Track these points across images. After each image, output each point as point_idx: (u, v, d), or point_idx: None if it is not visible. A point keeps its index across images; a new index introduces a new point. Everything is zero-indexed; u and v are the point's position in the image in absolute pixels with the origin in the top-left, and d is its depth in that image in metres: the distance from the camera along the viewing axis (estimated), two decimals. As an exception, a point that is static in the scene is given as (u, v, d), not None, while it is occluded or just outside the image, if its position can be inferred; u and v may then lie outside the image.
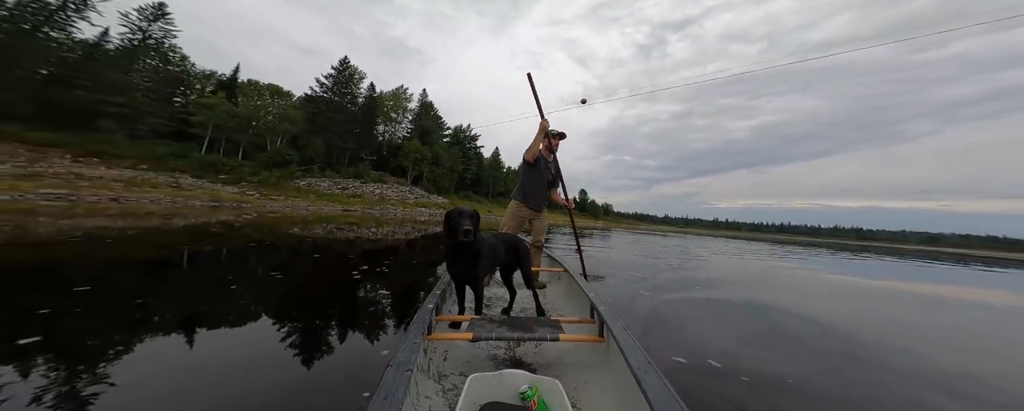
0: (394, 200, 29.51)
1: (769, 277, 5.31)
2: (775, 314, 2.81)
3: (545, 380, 0.97)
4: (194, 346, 1.51)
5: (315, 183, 26.13)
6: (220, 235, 5.61)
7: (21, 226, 4.97)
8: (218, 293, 2.40)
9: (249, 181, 21.77)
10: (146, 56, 24.87)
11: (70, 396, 1.07)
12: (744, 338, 2.15)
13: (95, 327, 1.66)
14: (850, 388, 1.53)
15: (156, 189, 16.20)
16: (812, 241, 51.00)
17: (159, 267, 3.18)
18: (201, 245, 4.47)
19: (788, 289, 4.30)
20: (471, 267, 1.45)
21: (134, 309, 1.95)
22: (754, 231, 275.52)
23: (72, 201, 11.36)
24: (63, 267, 2.89)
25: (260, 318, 1.91)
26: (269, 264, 3.53)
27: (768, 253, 11.52)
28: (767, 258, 9.25)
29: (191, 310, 2.02)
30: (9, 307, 1.87)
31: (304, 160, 28.09)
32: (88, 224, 5.57)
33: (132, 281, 2.60)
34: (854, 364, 1.82)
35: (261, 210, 14.65)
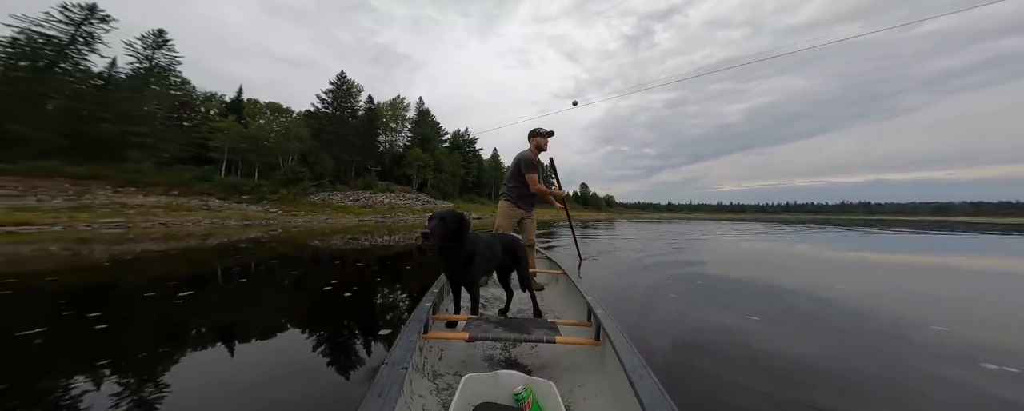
0: (403, 208, 30.92)
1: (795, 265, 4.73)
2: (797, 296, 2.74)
3: (540, 382, 0.97)
4: (235, 347, 1.66)
5: (329, 197, 27.52)
6: (253, 250, 5.99)
7: (78, 253, 5.27)
8: (260, 297, 2.72)
9: (270, 199, 23.15)
10: (157, 83, 26.06)
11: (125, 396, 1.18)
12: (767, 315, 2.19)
13: (146, 337, 1.83)
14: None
15: (191, 212, 17.59)
16: (822, 218, 48.57)
17: (208, 280, 3.46)
18: (245, 258, 4.93)
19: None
20: (464, 269, 1.43)
21: (183, 317, 2.15)
22: (759, 212, 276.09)
23: (128, 228, 12.74)
24: (118, 286, 3.17)
25: (291, 321, 2.05)
26: (304, 273, 3.85)
27: (780, 235, 11.00)
28: (776, 241, 8.84)
29: (234, 314, 2.23)
30: (69, 322, 2.00)
31: (315, 176, 29.43)
32: (137, 248, 5.88)
33: (180, 294, 2.73)
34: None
35: (286, 225, 16.00)
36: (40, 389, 1.29)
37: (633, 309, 2.39)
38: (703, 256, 5.47)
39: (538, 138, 2.52)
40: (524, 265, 1.77)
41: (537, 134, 2.52)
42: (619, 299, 2.64)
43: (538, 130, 2.53)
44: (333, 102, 34.68)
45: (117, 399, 1.20)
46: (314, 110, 34.04)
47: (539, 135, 2.52)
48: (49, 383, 1.33)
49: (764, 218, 56.29)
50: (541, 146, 2.53)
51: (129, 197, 17.65)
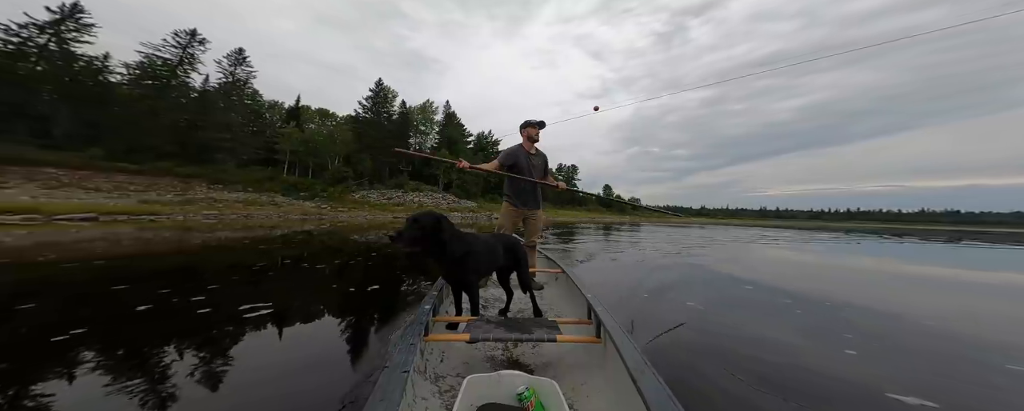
0: (430, 206, 33.85)
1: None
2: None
3: (542, 381, 0.97)
4: (285, 327, 1.95)
5: (367, 195, 31.19)
6: (306, 241, 7.13)
7: (183, 239, 6.71)
8: (307, 283, 3.13)
9: (321, 197, 27.05)
10: (237, 95, 31.26)
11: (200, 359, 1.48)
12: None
13: (228, 306, 2.26)
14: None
15: (263, 207, 21.56)
16: (897, 228, 42.24)
17: (270, 268, 3.95)
18: (300, 249, 5.78)
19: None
20: (459, 270, 1.41)
21: (251, 296, 2.56)
22: (813, 219, 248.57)
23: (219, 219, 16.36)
24: (209, 265, 3.92)
25: (331, 306, 2.35)
26: (345, 262, 4.49)
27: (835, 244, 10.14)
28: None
29: (288, 296, 2.56)
30: (173, 295, 2.47)
31: (356, 175, 33.33)
32: (222, 236, 7.46)
33: (257, 275, 3.46)
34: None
35: (334, 221, 19.06)
36: (141, 341, 1.68)
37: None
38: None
39: (529, 129, 2.53)
40: (524, 266, 1.76)
41: (528, 125, 2.53)
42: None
43: (528, 121, 2.55)
44: (372, 107, 38.65)
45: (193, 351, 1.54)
46: (356, 115, 38.22)
47: (529, 126, 2.53)
48: (148, 338, 1.73)
49: (811, 226, 49.07)
50: (532, 137, 2.53)
51: (218, 193, 22.07)
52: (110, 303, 2.42)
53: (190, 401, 1.21)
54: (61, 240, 5.95)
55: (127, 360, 1.51)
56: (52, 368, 1.39)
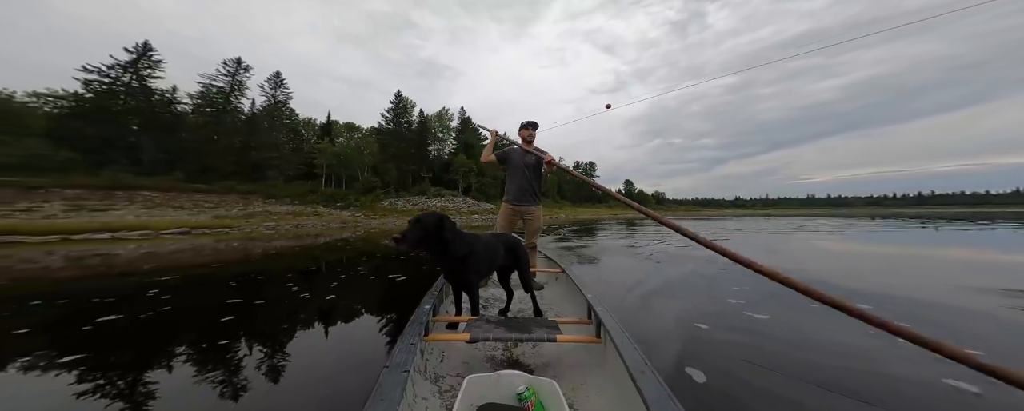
0: (452, 210, 36.22)
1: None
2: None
3: (542, 381, 0.98)
4: (330, 325, 2.23)
5: (394, 202, 34.01)
6: (343, 247, 7.87)
7: (247, 248, 7.62)
8: (349, 283, 3.59)
9: (354, 206, 30.05)
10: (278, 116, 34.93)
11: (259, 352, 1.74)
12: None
13: (287, 304, 2.70)
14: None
15: (309, 217, 24.66)
16: (986, 212, 35.16)
17: (316, 271, 4.54)
18: (340, 254, 6.43)
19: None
20: (460, 270, 1.43)
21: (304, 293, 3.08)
22: (871, 206, 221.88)
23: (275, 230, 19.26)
24: (268, 271, 4.50)
25: (371, 303, 2.76)
26: (376, 264, 4.89)
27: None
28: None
29: (334, 294, 3.00)
30: (239, 296, 2.95)
31: (384, 184, 36.27)
32: (278, 245, 8.35)
33: (303, 278, 3.91)
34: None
35: (367, 228, 21.58)
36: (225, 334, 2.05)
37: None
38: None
39: (522, 130, 2.64)
40: (525, 265, 1.79)
41: (522, 127, 2.65)
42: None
43: (523, 123, 2.67)
44: (393, 118, 41.43)
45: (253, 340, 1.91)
46: (379, 127, 41.17)
47: (523, 127, 2.64)
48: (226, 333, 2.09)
49: (866, 213, 40.54)
50: (525, 137, 2.64)
51: (272, 207, 25.48)
52: (202, 299, 3.02)
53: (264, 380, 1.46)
54: (159, 252, 7.05)
55: (208, 351, 1.80)
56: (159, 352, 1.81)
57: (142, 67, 27.65)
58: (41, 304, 2.89)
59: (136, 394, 1.39)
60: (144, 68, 27.74)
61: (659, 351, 1.70)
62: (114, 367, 1.66)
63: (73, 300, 3.09)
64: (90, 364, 1.68)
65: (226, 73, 32.23)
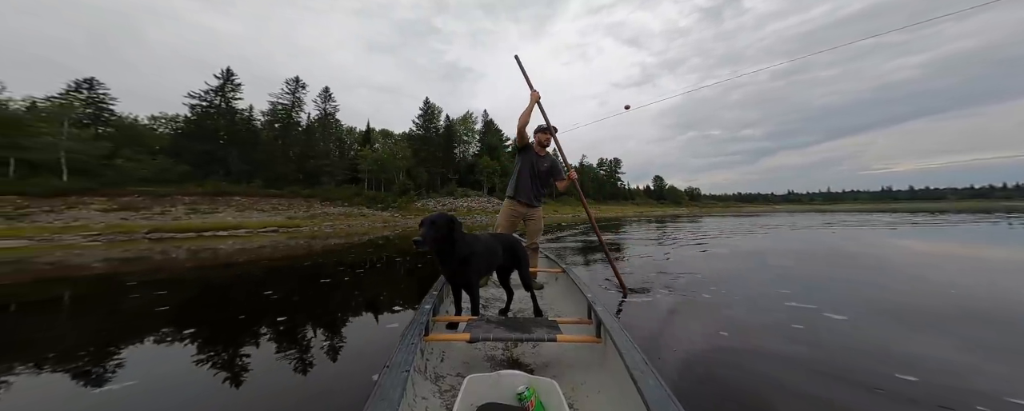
0: (478, 209, 39.50)
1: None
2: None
3: (542, 381, 0.99)
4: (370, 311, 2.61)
5: (426, 203, 37.95)
6: (386, 244, 8.75)
7: (310, 245, 8.86)
8: (385, 276, 4.30)
9: (392, 207, 34.33)
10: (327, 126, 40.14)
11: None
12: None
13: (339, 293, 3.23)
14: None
15: (356, 218, 29.13)
16: None
17: (362, 263, 5.29)
18: (381, 250, 7.20)
19: None
20: (461, 270, 1.46)
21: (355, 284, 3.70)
22: (974, 198, 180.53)
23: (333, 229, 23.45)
24: (323, 265, 5.28)
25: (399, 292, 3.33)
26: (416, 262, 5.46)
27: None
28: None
29: (375, 287, 3.56)
30: (306, 286, 3.71)
31: (417, 186, 40.34)
32: (332, 242, 9.43)
33: (351, 272, 4.52)
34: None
35: (404, 227, 25.21)
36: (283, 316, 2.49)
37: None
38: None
39: (538, 135, 2.66)
40: (525, 265, 1.82)
41: (539, 131, 2.67)
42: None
43: (537, 126, 2.68)
44: (423, 124, 45.25)
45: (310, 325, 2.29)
46: (410, 133, 45.29)
47: (538, 132, 2.66)
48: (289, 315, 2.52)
49: (967, 207, 33.79)
50: (541, 142, 2.66)
51: (328, 209, 30.40)
52: (277, 287, 3.69)
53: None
54: (247, 247, 8.48)
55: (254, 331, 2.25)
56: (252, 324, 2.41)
57: (227, 90, 33.75)
58: (168, 290, 3.64)
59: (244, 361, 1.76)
60: (229, 91, 33.84)
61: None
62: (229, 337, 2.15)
63: (196, 285, 4.04)
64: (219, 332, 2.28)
65: (288, 91, 37.89)
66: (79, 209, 20.50)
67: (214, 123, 32.11)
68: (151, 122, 35.91)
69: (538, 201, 2.71)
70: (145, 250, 8.51)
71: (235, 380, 1.56)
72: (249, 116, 35.46)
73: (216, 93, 33.12)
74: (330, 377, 1.55)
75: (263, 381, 1.55)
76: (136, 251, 8.34)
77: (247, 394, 1.44)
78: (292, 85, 38.02)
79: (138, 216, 21.21)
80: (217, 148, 30.74)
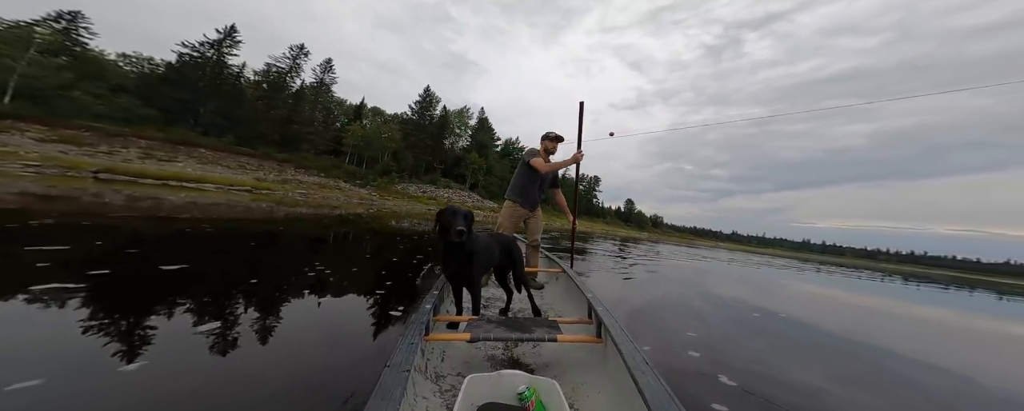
0: (458, 203, 39.18)
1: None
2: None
3: (543, 381, 0.99)
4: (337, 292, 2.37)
5: (406, 187, 37.34)
6: (357, 221, 8.78)
7: (273, 210, 8.54)
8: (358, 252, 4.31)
9: (372, 185, 33.54)
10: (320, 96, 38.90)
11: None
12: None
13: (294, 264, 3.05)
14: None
15: (332, 191, 28.19)
16: (972, 279, 35.44)
17: (324, 239, 5.21)
18: (352, 226, 7.34)
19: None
20: (465, 268, 1.46)
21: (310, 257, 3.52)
22: (866, 258, 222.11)
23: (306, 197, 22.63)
24: (281, 233, 5.20)
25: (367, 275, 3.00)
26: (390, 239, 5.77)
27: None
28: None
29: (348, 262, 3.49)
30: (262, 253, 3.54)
31: (400, 169, 39.68)
32: (302, 212, 9.27)
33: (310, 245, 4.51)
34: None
35: (380, 206, 24.73)
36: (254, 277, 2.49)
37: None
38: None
39: (547, 142, 2.62)
40: (520, 265, 1.83)
41: (546, 138, 2.64)
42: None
43: (549, 134, 2.65)
44: (419, 110, 44.86)
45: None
46: (404, 116, 44.73)
47: (548, 139, 2.63)
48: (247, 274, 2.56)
49: (868, 266, 41.45)
50: (549, 149, 2.64)
51: (302, 176, 29.22)
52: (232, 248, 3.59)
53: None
54: (201, 202, 7.98)
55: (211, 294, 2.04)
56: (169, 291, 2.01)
57: (225, 45, 32.06)
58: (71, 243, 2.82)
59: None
60: (226, 46, 32.15)
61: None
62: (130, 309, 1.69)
63: (104, 237, 3.28)
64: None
65: (289, 56, 36.59)
66: (11, 134, 18.53)
67: (198, 74, 30.35)
68: (119, 59, 33.27)
69: (538, 204, 2.78)
70: (77, 189, 7.78)
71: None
72: (239, 73, 33.78)
73: (212, 46, 31.44)
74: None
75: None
76: (66, 189, 7.62)
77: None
78: (295, 51, 36.80)
79: (79, 151, 19.42)
80: (194, 98, 28.99)
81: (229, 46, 32.21)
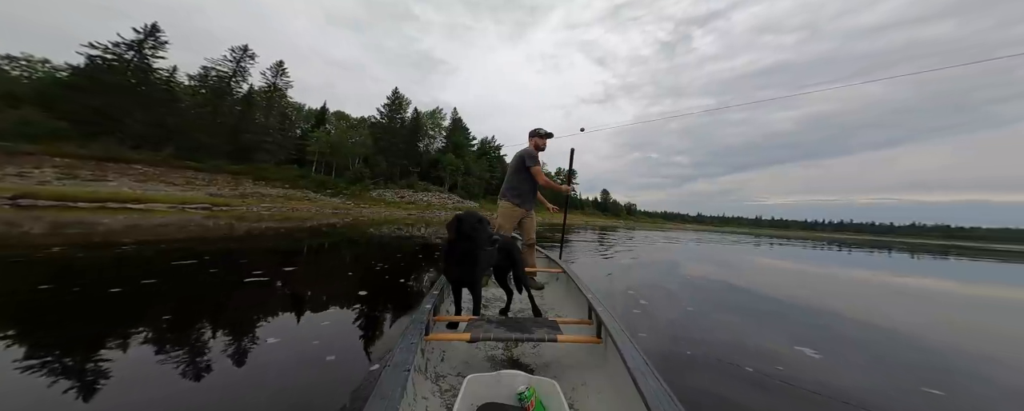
0: (437, 205, 38.04)
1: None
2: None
3: (543, 381, 0.98)
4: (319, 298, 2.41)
5: (382, 193, 35.42)
6: (334, 232, 8.20)
7: (232, 226, 7.67)
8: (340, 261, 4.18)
9: (344, 193, 31.32)
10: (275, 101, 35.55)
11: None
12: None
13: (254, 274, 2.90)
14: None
15: (301, 202, 25.83)
16: (885, 241, 44.22)
17: (309, 250, 4.95)
18: (330, 238, 6.86)
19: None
20: (470, 269, 1.47)
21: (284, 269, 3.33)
22: (807, 229, 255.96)
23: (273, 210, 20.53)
24: (251, 252, 4.65)
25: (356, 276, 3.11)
26: (368, 249, 5.51)
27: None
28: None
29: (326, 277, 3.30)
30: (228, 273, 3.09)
31: (373, 175, 37.59)
32: (262, 226, 8.62)
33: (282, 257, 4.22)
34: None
35: (355, 215, 23.13)
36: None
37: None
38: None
39: (537, 138, 2.63)
40: (519, 266, 1.83)
41: (536, 134, 2.64)
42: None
43: (538, 130, 2.64)
44: (388, 114, 42.84)
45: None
46: (373, 120, 42.47)
47: (538, 136, 2.63)
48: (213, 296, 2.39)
49: (808, 236, 52.35)
50: (540, 146, 2.64)
51: (262, 189, 26.41)
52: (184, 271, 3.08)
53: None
54: (141, 224, 7.04)
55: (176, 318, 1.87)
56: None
57: (147, 46, 27.90)
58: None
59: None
60: (148, 47, 27.98)
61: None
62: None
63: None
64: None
65: (231, 59, 32.80)
66: None
67: (115, 79, 26.15)
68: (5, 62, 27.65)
69: (533, 204, 2.78)
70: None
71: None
72: (169, 77, 29.68)
73: (130, 47, 27.11)
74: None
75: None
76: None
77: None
78: (238, 53, 33.01)
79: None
80: (113, 107, 24.94)
81: (153, 47, 28.08)
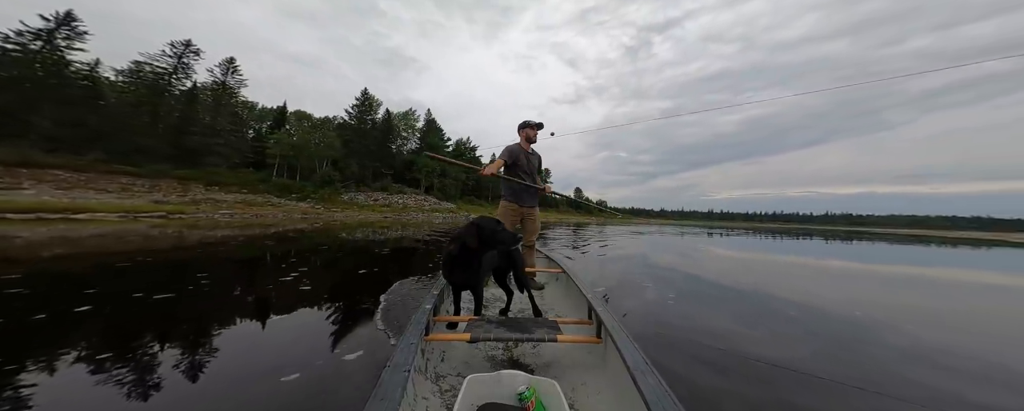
0: (414, 207, 37.06)
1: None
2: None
3: (543, 381, 0.98)
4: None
5: (355, 197, 33.78)
6: (306, 237, 7.71)
7: (181, 235, 6.97)
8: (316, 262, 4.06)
9: (312, 197, 29.44)
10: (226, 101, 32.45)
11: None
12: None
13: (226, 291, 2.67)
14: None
15: (262, 207, 23.85)
16: (804, 228, 50.89)
17: (265, 258, 4.62)
18: (302, 243, 6.37)
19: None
20: (474, 271, 1.47)
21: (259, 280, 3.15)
22: (747, 220, 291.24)
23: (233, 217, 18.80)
24: (213, 262, 4.20)
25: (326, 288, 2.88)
26: (343, 254, 5.22)
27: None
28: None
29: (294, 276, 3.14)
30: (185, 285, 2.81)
31: (344, 178, 35.73)
32: (219, 233, 7.82)
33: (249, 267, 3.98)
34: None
35: (326, 219, 21.70)
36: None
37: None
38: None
39: (527, 130, 2.55)
40: (520, 266, 1.81)
41: (527, 126, 2.55)
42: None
43: (528, 122, 2.55)
44: (358, 115, 40.98)
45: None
46: (342, 121, 40.38)
47: (528, 127, 2.55)
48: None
49: (748, 226, 60.78)
50: (531, 138, 2.56)
51: (217, 194, 24.02)
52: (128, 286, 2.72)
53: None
54: (70, 236, 6.26)
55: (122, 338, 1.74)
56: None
57: (60, 36, 24.07)
58: None
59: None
60: (61, 38, 24.15)
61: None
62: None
63: None
64: None
65: (171, 55, 29.36)
66: None
67: (21, 72, 22.31)
68: None
69: (536, 200, 2.65)
70: None
71: None
72: (90, 73, 25.89)
73: (38, 36, 23.20)
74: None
75: None
76: None
77: None
78: (178, 48, 29.53)
79: None
80: (17, 104, 21.27)
81: (68, 37, 24.42)
